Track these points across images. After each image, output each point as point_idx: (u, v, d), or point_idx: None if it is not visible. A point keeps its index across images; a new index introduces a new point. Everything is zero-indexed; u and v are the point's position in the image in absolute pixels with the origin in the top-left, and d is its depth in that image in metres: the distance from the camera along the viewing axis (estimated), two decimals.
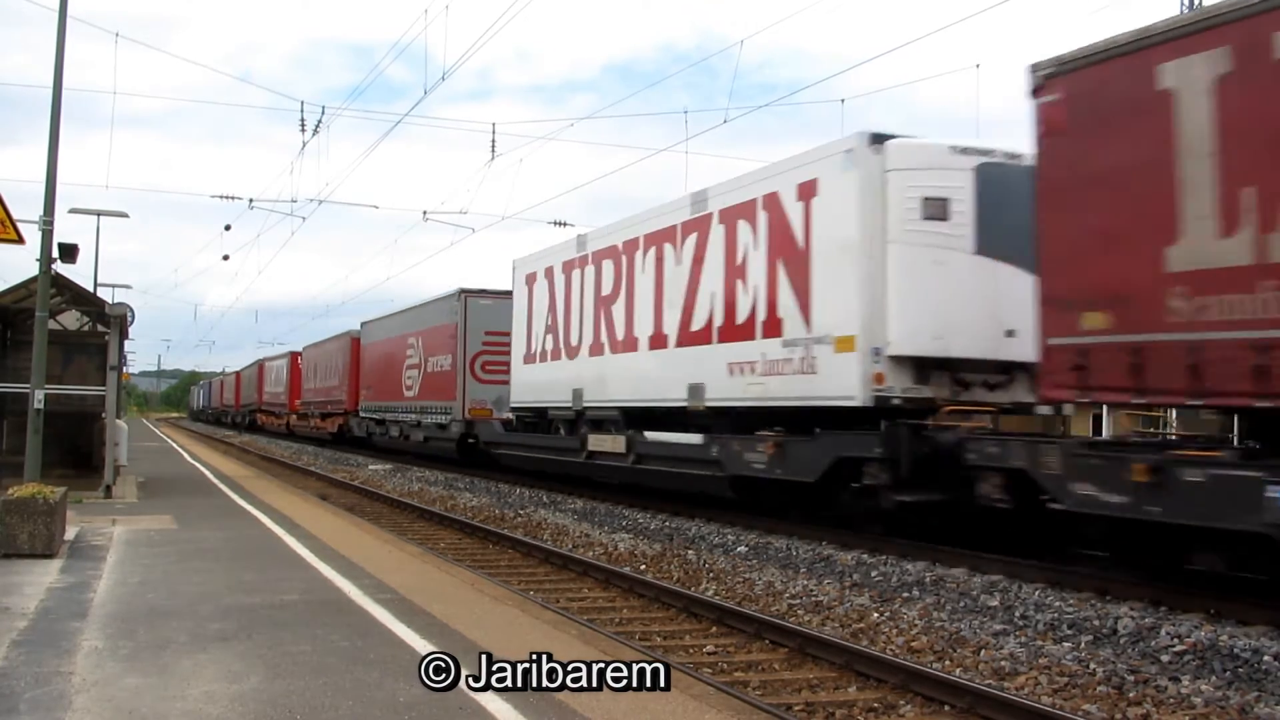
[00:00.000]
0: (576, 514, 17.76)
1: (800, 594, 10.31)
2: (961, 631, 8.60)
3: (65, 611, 8.20)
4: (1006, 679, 7.30)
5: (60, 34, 14.95)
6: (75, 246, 18.14)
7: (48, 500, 11.08)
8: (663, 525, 15.62)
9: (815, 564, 11.90)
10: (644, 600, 10.37)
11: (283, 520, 15.15)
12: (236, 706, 5.60)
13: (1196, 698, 6.78)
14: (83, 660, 6.62)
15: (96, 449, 19.41)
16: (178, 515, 15.58)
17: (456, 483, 24.83)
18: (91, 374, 19.65)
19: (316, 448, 45.12)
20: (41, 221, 14.69)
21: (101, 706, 5.60)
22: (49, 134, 14.91)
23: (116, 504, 17.44)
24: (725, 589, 10.82)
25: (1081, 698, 6.86)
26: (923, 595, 10.07)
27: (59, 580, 9.69)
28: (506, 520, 17.40)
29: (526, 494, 21.35)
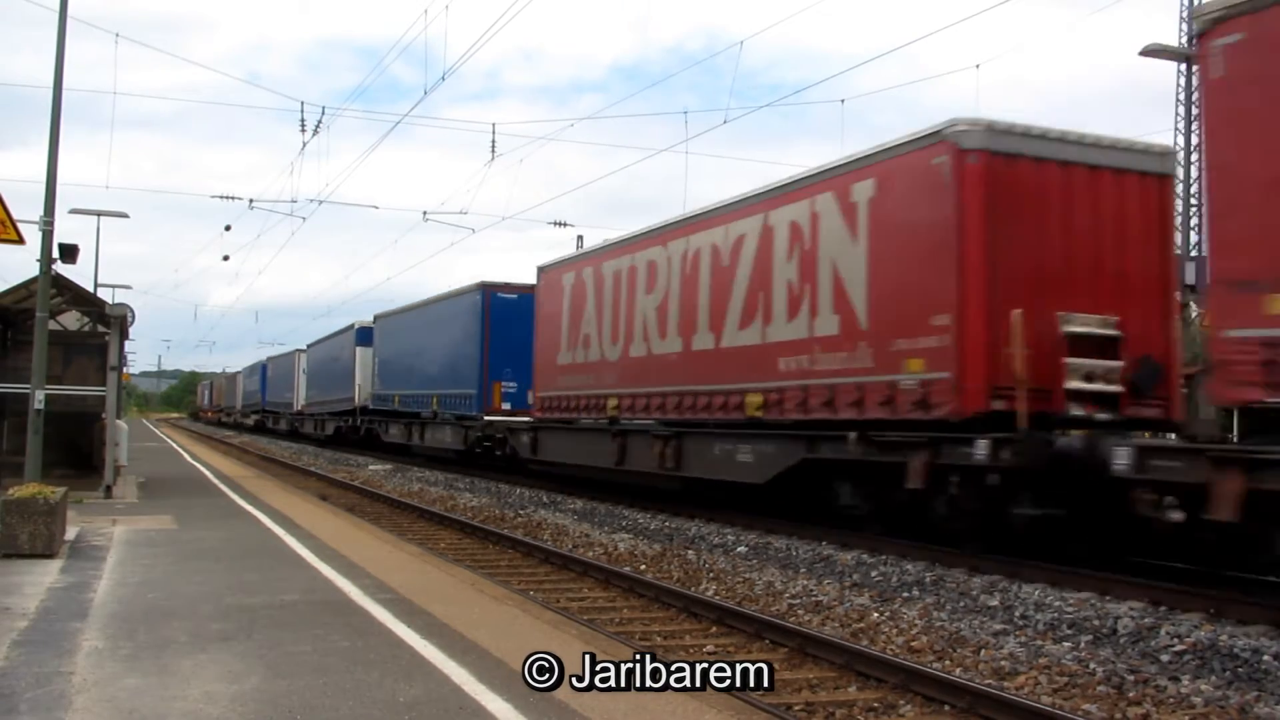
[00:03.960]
0: (576, 514, 17.76)
1: (800, 594, 10.32)
2: (961, 631, 8.60)
3: (66, 612, 8.21)
4: (1006, 679, 7.30)
5: (60, 35, 14.97)
6: (76, 247, 18.18)
7: (48, 500, 11.09)
8: (663, 525, 15.62)
9: (815, 564, 11.90)
10: (644, 600, 10.37)
11: (283, 520, 15.16)
12: (237, 706, 5.60)
13: (1196, 697, 6.78)
14: (83, 660, 6.62)
15: (97, 449, 19.41)
16: (178, 515, 15.59)
17: (456, 483, 24.84)
18: (92, 374, 19.67)
19: (317, 448, 45.09)
20: (42, 222, 14.70)
21: (102, 706, 5.60)
22: (49, 135, 14.95)
23: (117, 504, 17.45)
24: (725, 589, 10.82)
25: (1081, 697, 6.86)
26: (923, 595, 10.07)
27: (59, 580, 9.69)
28: (506, 520, 17.40)
29: (526, 494, 21.35)
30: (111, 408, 18.88)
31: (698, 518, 16.05)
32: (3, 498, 11.24)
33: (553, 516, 17.53)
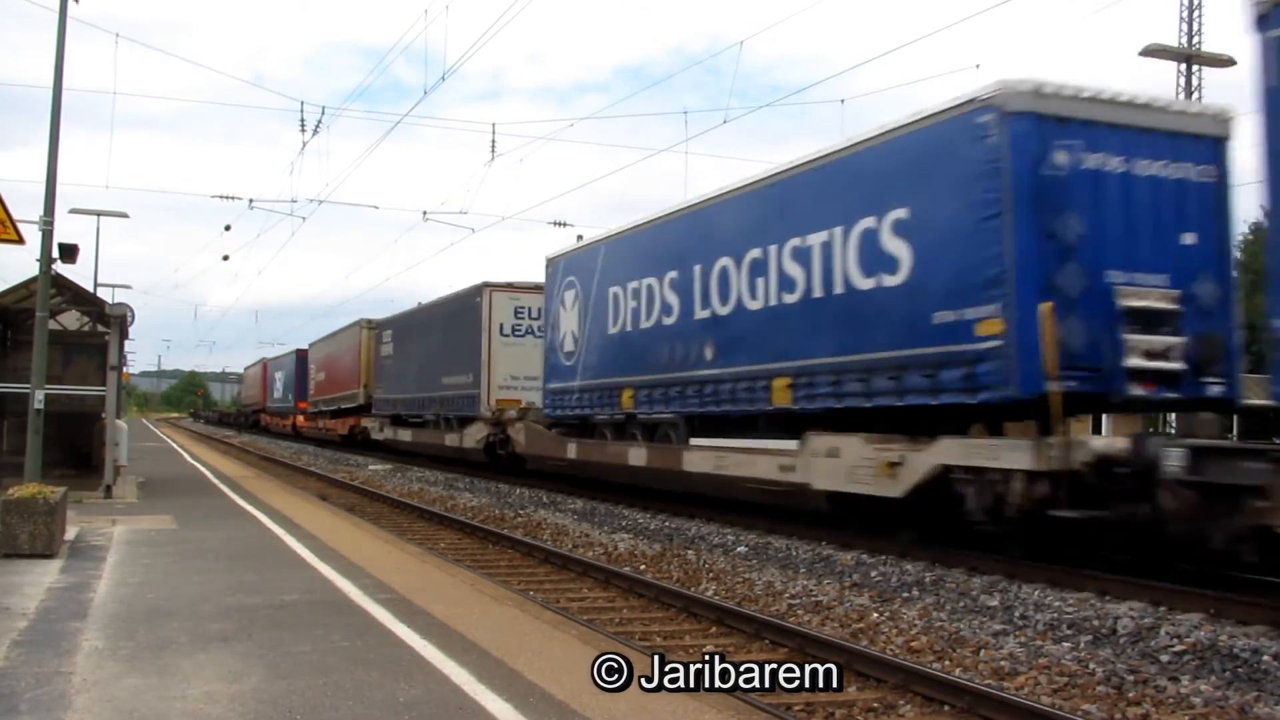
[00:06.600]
0: (576, 514, 17.77)
1: (800, 594, 10.32)
2: (961, 631, 8.60)
3: (65, 612, 8.21)
4: (1006, 679, 7.30)
5: (60, 35, 14.99)
6: (75, 247, 18.14)
7: (48, 500, 11.09)
8: (663, 525, 15.62)
9: (815, 564, 11.90)
10: (644, 600, 10.37)
11: (283, 520, 15.16)
12: (237, 706, 5.60)
13: (1196, 698, 6.77)
14: (83, 660, 6.62)
15: (97, 449, 19.42)
16: (178, 515, 15.59)
17: (456, 483, 24.85)
18: (92, 374, 19.68)
19: (317, 448, 45.05)
20: (41, 222, 14.72)
21: (102, 706, 5.60)
22: (49, 135, 14.97)
23: (116, 504, 17.44)
24: (725, 589, 10.82)
25: (1081, 698, 6.86)
26: (922, 595, 10.07)
27: (59, 580, 9.69)
28: (506, 520, 17.40)
29: (526, 494, 21.35)
30: (111, 407, 18.87)
31: (698, 518, 16.05)
32: (3, 498, 11.24)
33: (553, 516, 17.54)
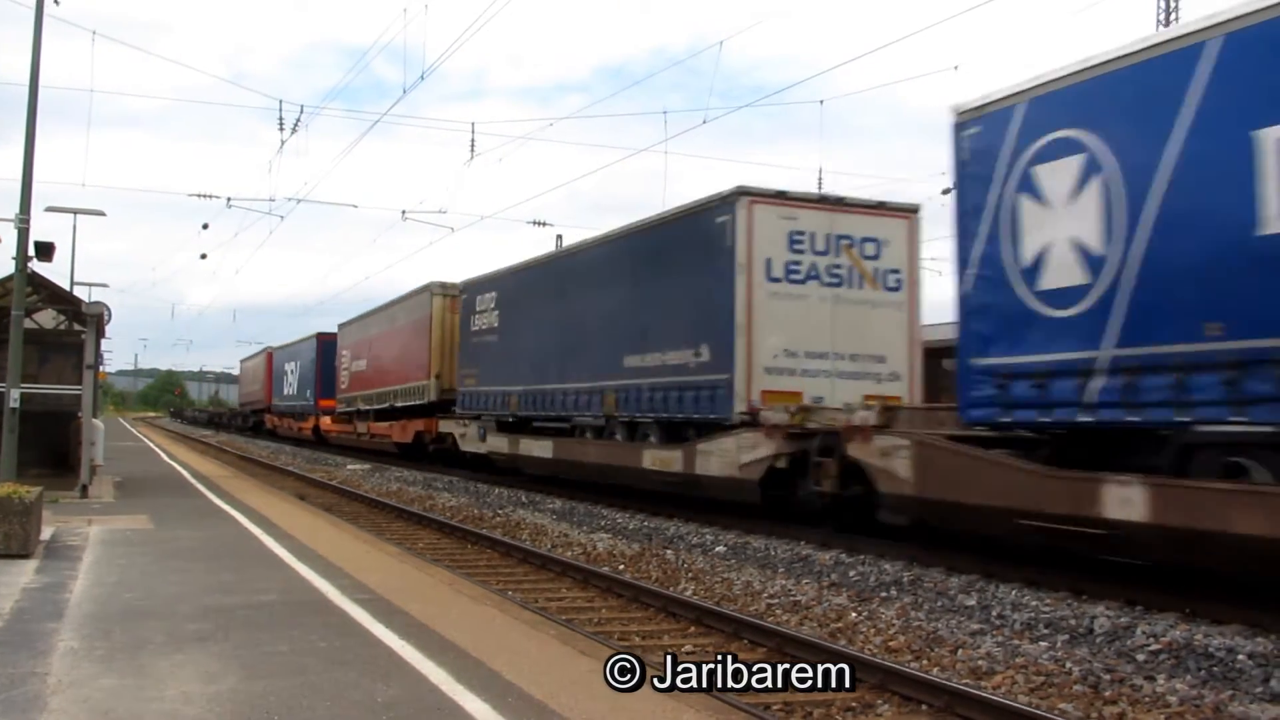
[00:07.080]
0: (555, 514, 17.75)
1: (778, 594, 10.34)
2: (939, 631, 8.64)
3: (41, 612, 8.15)
4: (983, 678, 7.34)
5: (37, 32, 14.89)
6: (52, 245, 17.96)
7: (23, 500, 11.01)
8: (641, 525, 15.63)
9: (793, 564, 11.93)
10: (622, 600, 10.37)
11: (260, 520, 15.08)
12: (214, 707, 5.57)
13: (1171, 696, 6.82)
14: (58, 661, 6.57)
15: (73, 448, 19.26)
16: (154, 515, 15.49)
17: (435, 482, 24.78)
18: (68, 373, 19.50)
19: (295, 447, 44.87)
20: (17, 219, 14.65)
21: (77, 707, 5.56)
22: (25, 132, 14.88)
23: (93, 504, 17.33)
24: (704, 589, 10.83)
25: (1058, 696, 6.90)
26: (900, 595, 10.11)
27: (34, 580, 9.62)
28: (485, 520, 17.36)
29: (505, 494, 21.32)
30: (87, 406, 18.75)
31: (676, 517, 16.06)
32: None
33: (531, 516, 17.52)
